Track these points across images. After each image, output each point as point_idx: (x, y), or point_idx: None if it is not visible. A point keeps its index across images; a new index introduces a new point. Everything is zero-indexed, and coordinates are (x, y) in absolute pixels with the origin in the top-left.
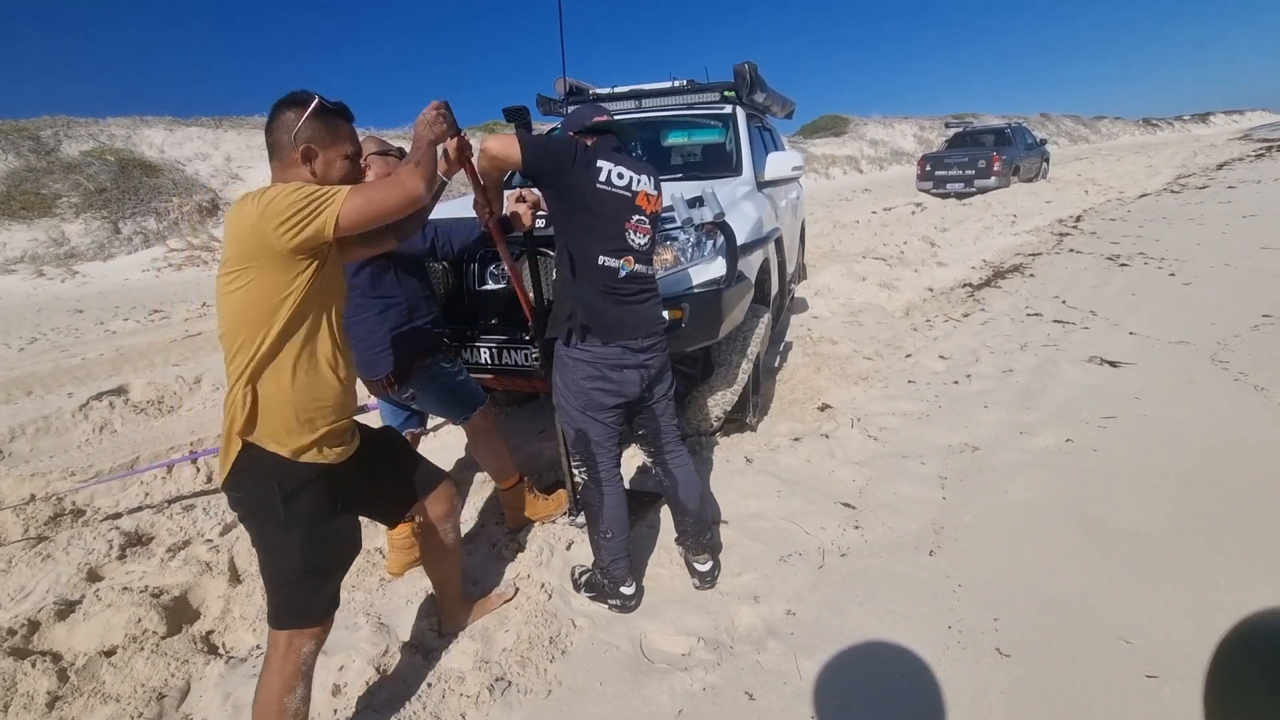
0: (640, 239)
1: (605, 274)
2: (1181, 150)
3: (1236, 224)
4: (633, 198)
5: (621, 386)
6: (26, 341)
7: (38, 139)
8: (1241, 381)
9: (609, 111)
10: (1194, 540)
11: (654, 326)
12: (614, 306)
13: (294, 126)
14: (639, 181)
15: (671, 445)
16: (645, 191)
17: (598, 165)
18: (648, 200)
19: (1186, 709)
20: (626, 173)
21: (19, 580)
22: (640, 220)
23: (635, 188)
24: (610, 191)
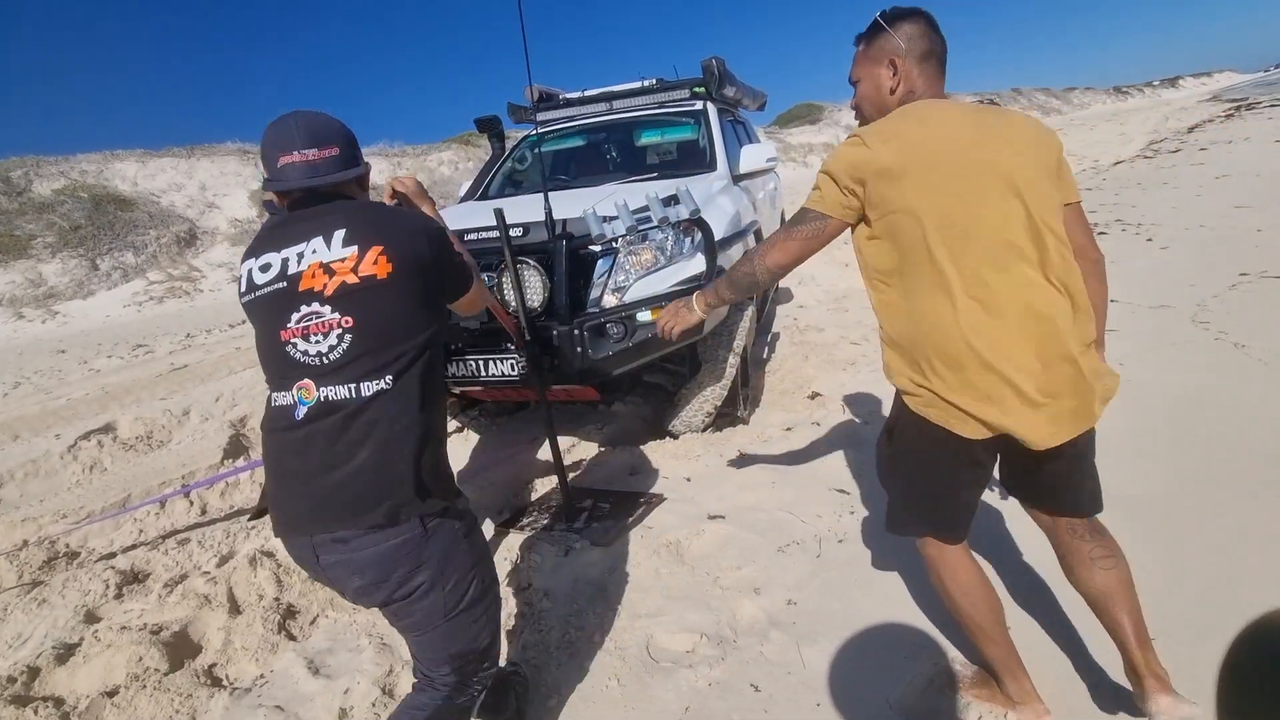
0: (318, 343)
1: (276, 421)
2: (1153, 115)
3: (1210, 185)
4: (292, 284)
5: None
6: (10, 386)
7: (8, 180)
8: (1222, 340)
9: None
10: (1183, 500)
11: (357, 504)
12: (288, 474)
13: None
14: (311, 250)
15: (425, 681)
16: (319, 262)
17: (242, 269)
18: (323, 274)
19: (1187, 669)
20: (279, 252)
21: (16, 627)
22: (313, 312)
23: (296, 267)
24: (256, 299)
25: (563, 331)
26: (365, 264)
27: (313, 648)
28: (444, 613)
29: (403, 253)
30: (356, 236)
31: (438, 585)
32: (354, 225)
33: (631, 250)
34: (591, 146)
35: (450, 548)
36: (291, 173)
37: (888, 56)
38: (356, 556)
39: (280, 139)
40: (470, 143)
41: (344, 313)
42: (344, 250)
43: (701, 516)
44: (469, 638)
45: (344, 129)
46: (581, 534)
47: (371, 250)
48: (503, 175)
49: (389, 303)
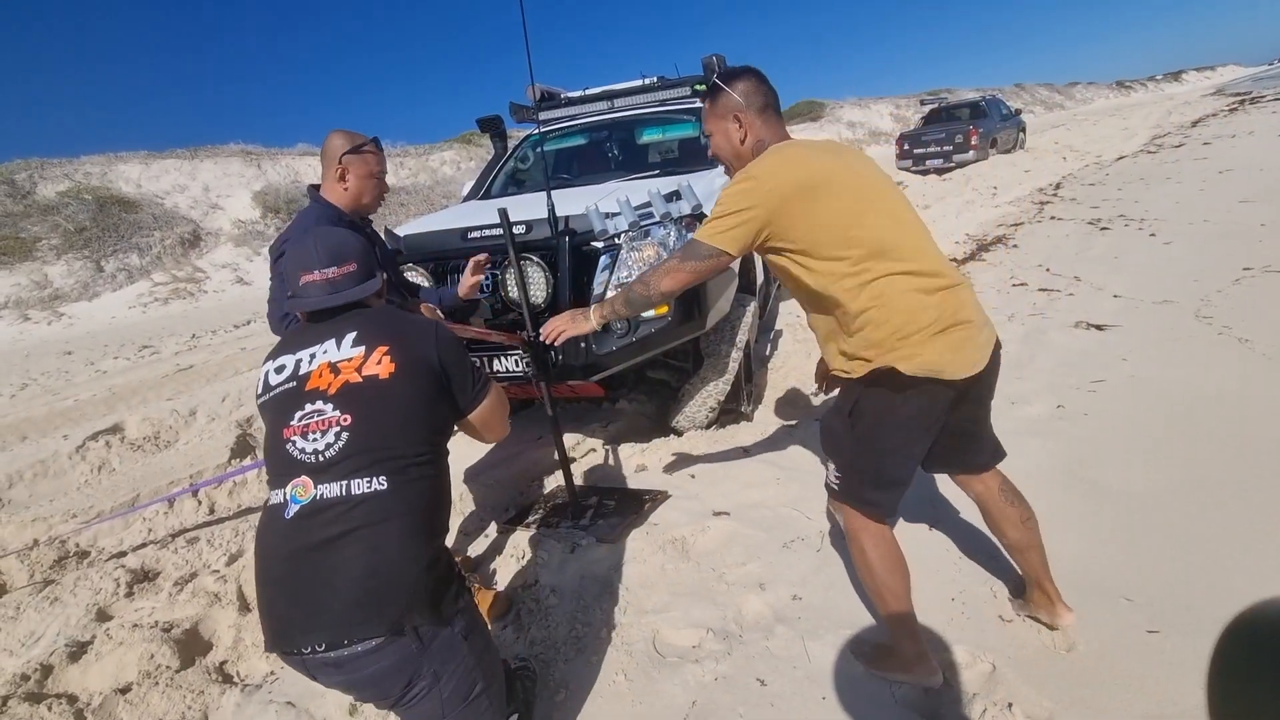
0: (314, 440)
1: (266, 521)
2: (1156, 110)
3: (1213, 180)
4: (300, 384)
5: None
6: (17, 388)
7: (12, 183)
8: (1226, 335)
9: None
10: (1188, 495)
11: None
12: (277, 580)
13: None
14: (322, 351)
15: None
16: (327, 362)
17: (261, 372)
18: (330, 373)
19: (1189, 661)
20: (294, 354)
21: (29, 625)
22: (316, 410)
23: (307, 367)
24: (269, 400)
25: None
26: (370, 363)
27: None
28: (443, 713)
29: (408, 353)
30: (365, 338)
31: (435, 689)
32: (365, 328)
33: (634, 246)
34: (593, 145)
35: (448, 654)
36: (313, 290)
37: (731, 112)
38: (352, 679)
39: (301, 259)
40: (472, 142)
41: (344, 410)
42: (352, 351)
43: (706, 513)
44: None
45: (359, 245)
46: (587, 531)
47: (377, 350)
48: (505, 174)
49: (389, 402)
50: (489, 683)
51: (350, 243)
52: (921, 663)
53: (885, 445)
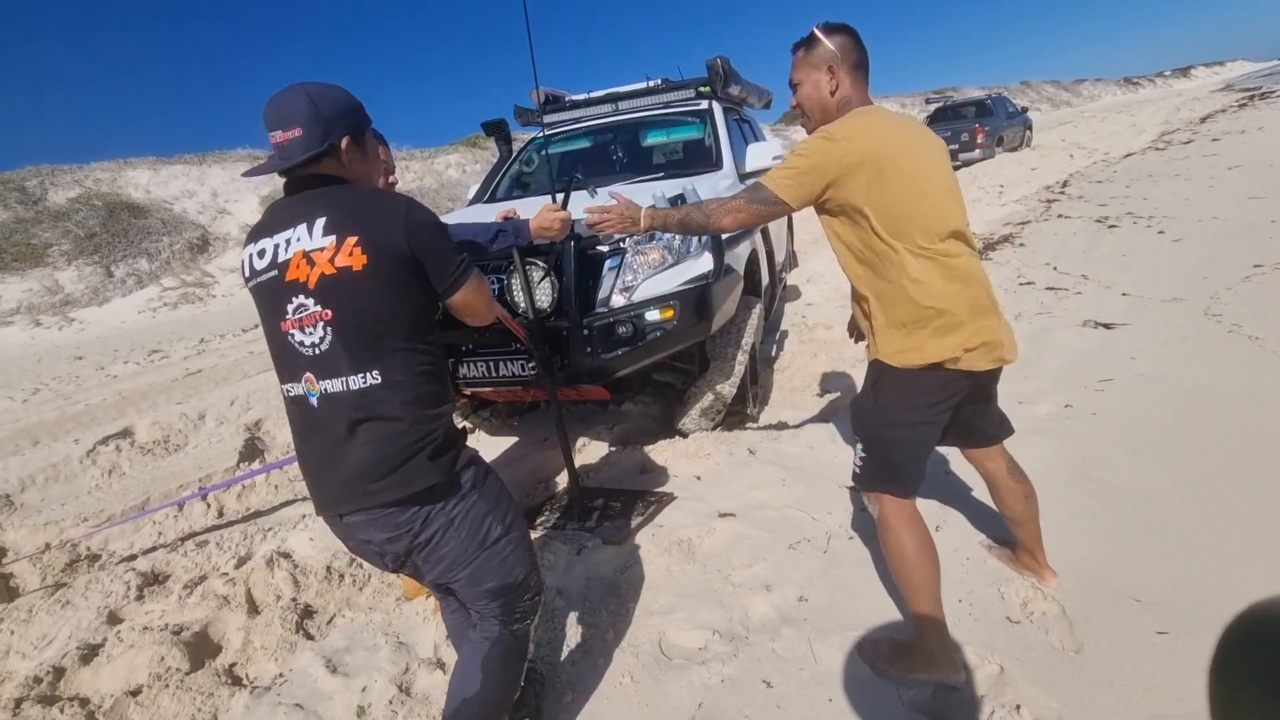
0: (310, 334)
1: (295, 411)
2: (1164, 106)
3: (1223, 176)
4: (281, 273)
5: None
6: (29, 392)
7: (24, 190)
8: (1236, 333)
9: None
10: (1197, 494)
11: (370, 487)
12: (311, 460)
13: None
14: (296, 238)
15: (477, 616)
16: (302, 250)
17: (244, 254)
18: (306, 264)
19: (1199, 661)
20: (272, 238)
21: (41, 628)
22: (301, 304)
23: (284, 255)
24: (256, 286)
25: (572, 331)
26: (341, 254)
27: (330, 647)
28: (467, 556)
29: (377, 243)
30: (335, 225)
31: (451, 533)
32: (334, 213)
33: (639, 250)
34: (598, 147)
35: (459, 504)
36: (275, 155)
37: (826, 63)
38: (375, 531)
39: (266, 119)
40: (478, 145)
41: (324, 305)
42: (323, 240)
43: (712, 514)
44: (501, 573)
45: (312, 105)
46: (593, 533)
47: (347, 241)
48: (510, 178)
49: (365, 295)
50: (507, 528)
51: (300, 107)
52: (946, 659)
53: (904, 419)
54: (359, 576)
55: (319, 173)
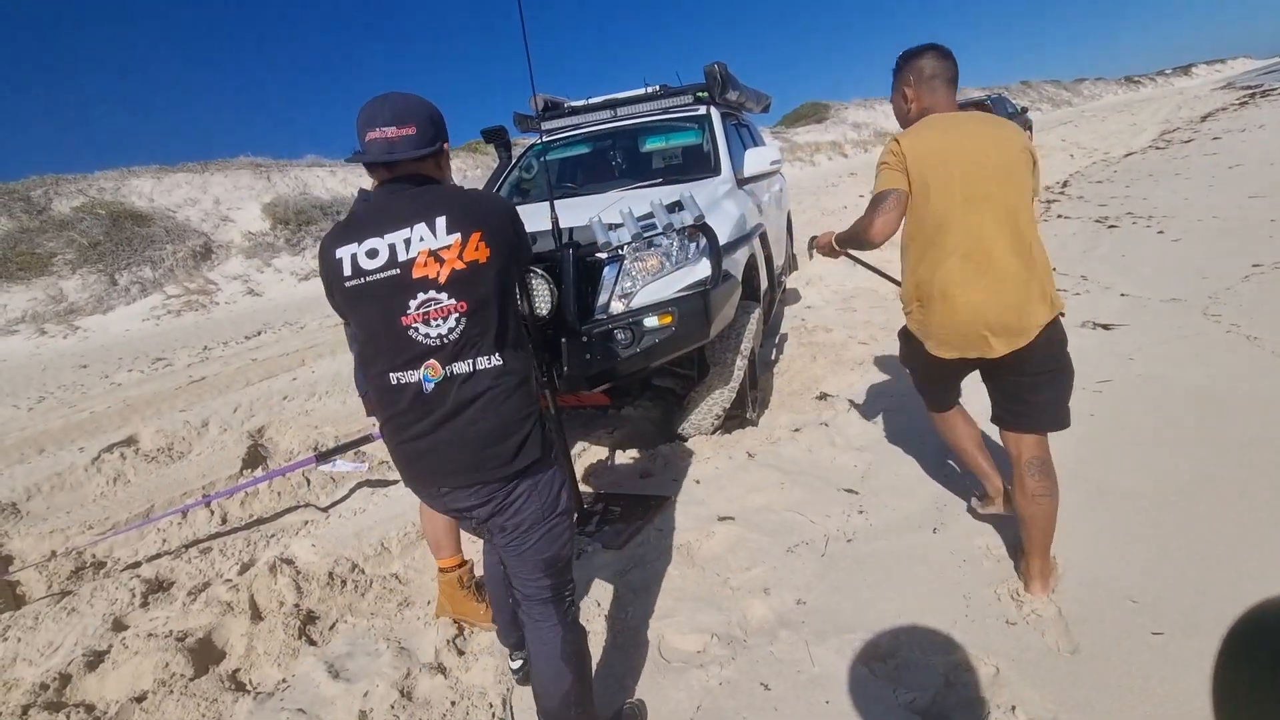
0: (438, 326)
1: (398, 395)
2: (1165, 105)
3: (1223, 175)
4: (404, 272)
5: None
6: (35, 401)
7: (28, 199)
8: (1234, 333)
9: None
10: (1194, 495)
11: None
12: (418, 442)
13: None
14: (418, 238)
15: (535, 611)
16: (428, 249)
17: (336, 256)
18: (434, 261)
19: (1194, 663)
20: (384, 239)
21: (47, 635)
22: (431, 298)
23: (406, 254)
24: (367, 285)
25: (571, 338)
26: (469, 250)
27: (332, 652)
28: (541, 517)
29: (498, 237)
30: (457, 224)
31: (534, 495)
32: (454, 213)
33: (637, 257)
34: (597, 154)
35: (543, 473)
36: (373, 148)
37: (901, 86)
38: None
39: (369, 116)
40: (478, 151)
41: (458, 298)
42: (448, 238)
43: (711, 518)
44: (560, 543)
45: (427, 110)
46: (593, 537)
47: (472, 237)
48: (510, 184)
49: (491, 284)
50: (568, 505)
51: (417, 108)
52: (999, 495)
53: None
54: (360, 583)
55: (421, 172)
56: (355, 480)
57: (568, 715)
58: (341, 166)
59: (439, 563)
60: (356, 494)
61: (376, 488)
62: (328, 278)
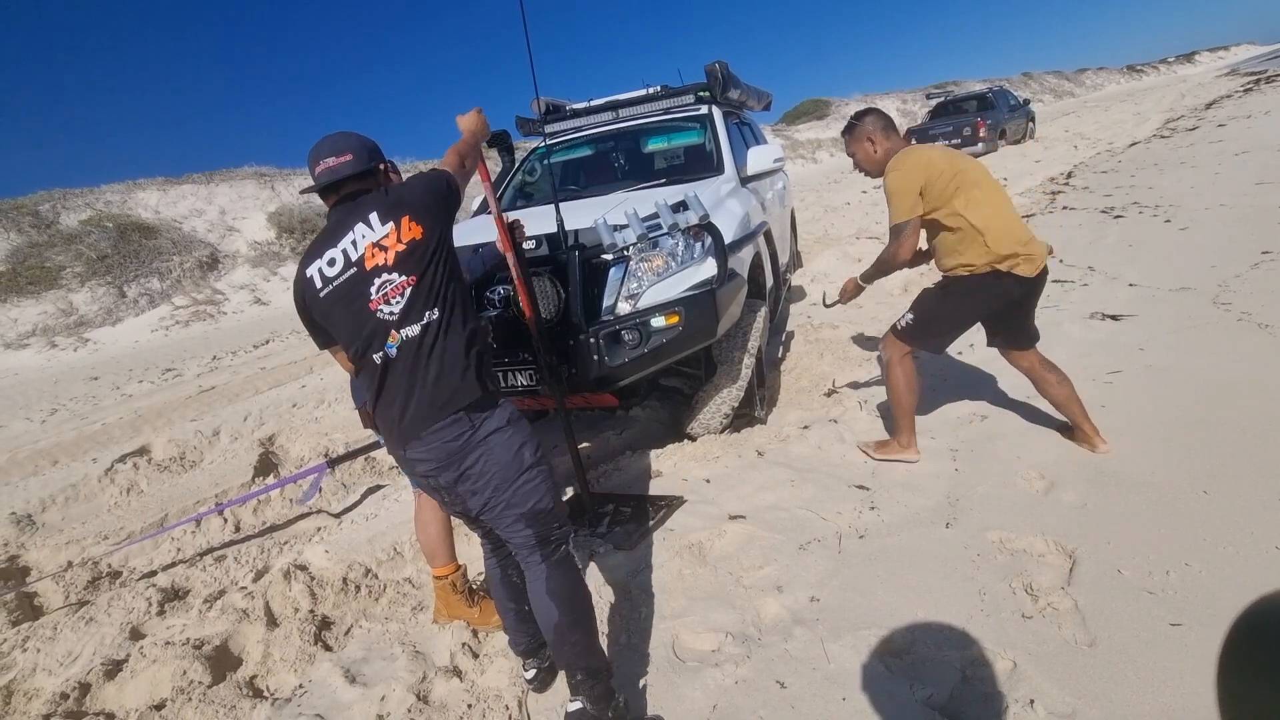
0: (396, 304)
1: (374, 366)
2: (1169, 93)
3: (1229, 163)
4: (360, 268)
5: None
6: (47, 413)
7: (37, 214)
8: (1245, 321)
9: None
10: (1209, 486)
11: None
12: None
13: None
14: (360, 236)
15: (523, 556)
16: (371, 242)
17: (307, 275)
18: (379, 251)
19: (1213, 655)
20: (337, 247)
21: (66, 645)
22: (388, 279)
23: (357, 253)
24: (335, 289)
25: (579, 340)
26: (404, 232)
27: (348, 657)
28: (507, 478)
29: (424, 212)
30: (387, 214)
31: (492, 459)
32: (381, 207)
33: (643, 257)
34: (599, 155)
35: (498, 431)
36: (321, 178)
37: (866, 136)
38: (429, 457)
39: (314, 155)
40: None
41: (407, 274)
42: (384, 228)
43: (722, 517)
44: (535, 498)
45: (360, 140)
46: (604, 538)
47: (403, 220)
48: (513, 188)
49: (429, 253)
50: (538, 459)
51: (352, 139)
52: (912, 446)
53: (957, 310)
54: (374, 587)
55: (365, 190)
56: (365, 486)
57: (562, 650)
58: None
59: (434, 570)
60: (368, 499)
61: (389, 493)
62: (303, 296)
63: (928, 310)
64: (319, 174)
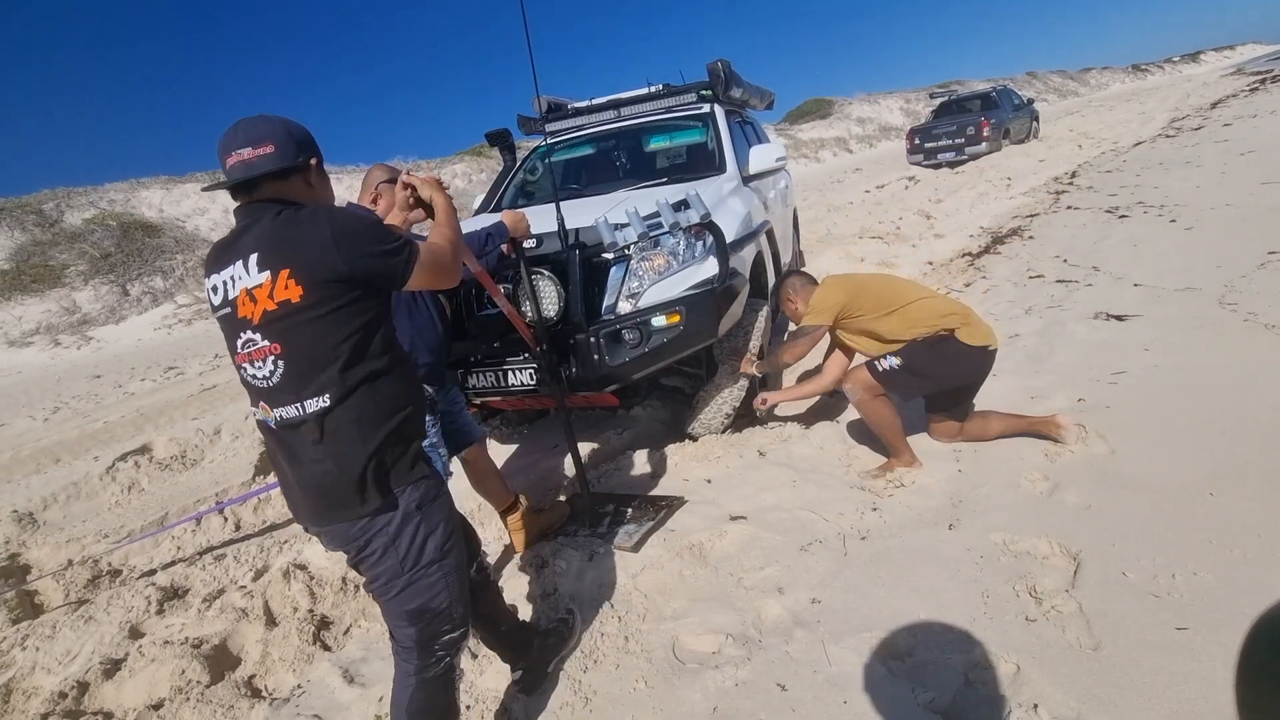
0: (260, 368)
1: (263, 434)
2: (1174, 93)
3: (1235, 162)
4: (232, 310)
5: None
6: (50, 411)
7: (40, 212)
8: (1251, 322)
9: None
10: (1215, 487)
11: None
12: (282, 480)
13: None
14: (236, 274)
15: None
16: (245, 288)
17: (208, 285)
18: (250, 301)
19: (1220, 658)
20: (221, 276)
21: (65, 644)
22: (250, 339)
23: (232, 293)
24: (218, 320)
25: (579, 339)
26: (278, 289)
27: (347, 657)
28: (401, 572)
29: (310, 271)
30: (267, 259)
31: (391, 550)
32: (264, 247)
33: (644, 256)
34: (601, 154)
35: (403, 523)
36: (233, 172)
37: (784, 302)
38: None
39: (225, 143)
40: (483, 154)
41: (272, 340)
42: (259, 276)
43: (723, 517)
44: (426, 596)
45: (285, 127)
46: (605, 538)
47: (281, 275)
48: (515, 187)
49: (308, 325)
50: (443, 554)
51: (274, 126)
52: (915, 461)
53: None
54: None
55: (278, 196)
56: None
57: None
58: (346, 173)
59: (502, 508)
60: None
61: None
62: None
63: (916, 363)
64: (231, 166)
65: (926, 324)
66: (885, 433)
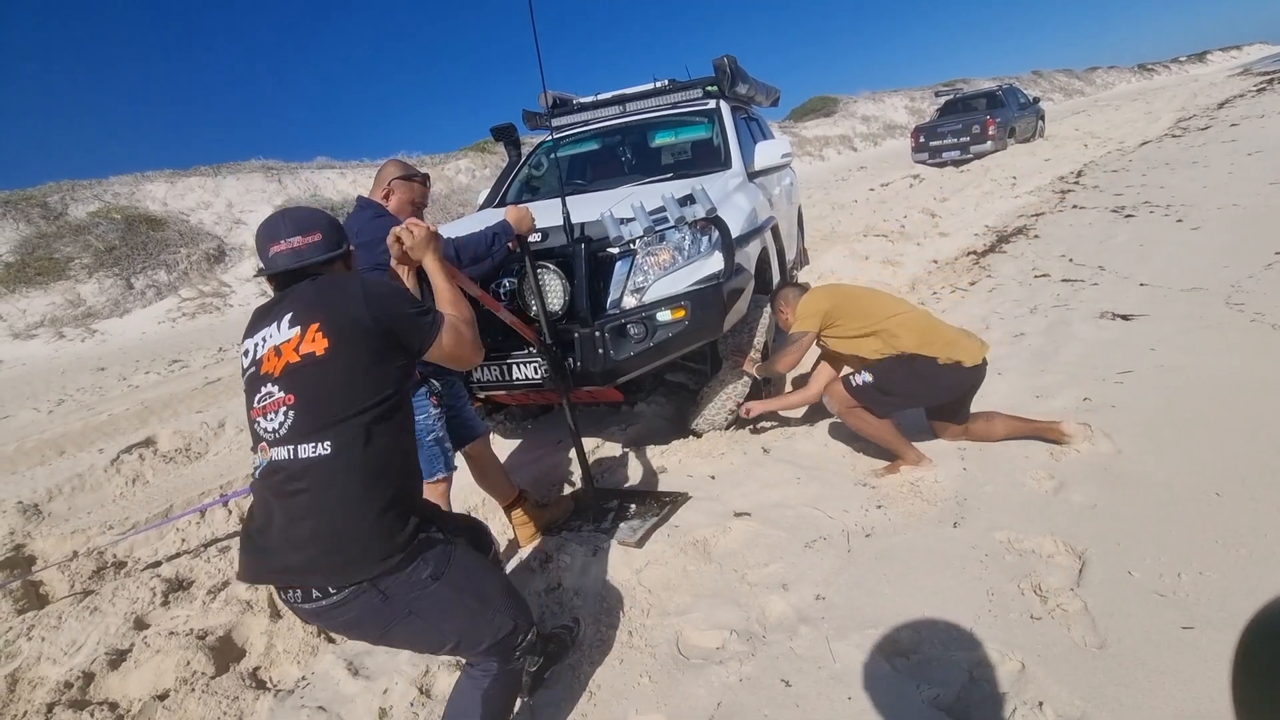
0: (272, 420)
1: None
2: (1180, 92)
3: (1242, 162)
4: (259, 368)
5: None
6: (54, 403)
7: (45, 205)
8: (1258, 322)
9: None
10: (1220, 487)
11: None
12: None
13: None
14: (269, 334)
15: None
16: (273, 346)
17: (242, 347)
18: (275, 356)
19: (1226, 657)
20: (253, 340)
21: (70, 635)
22: (269, 392)
23: (260, 352)
24: (245, 381)
25: (584, 334)
26: (305, 342)
27: (351, 650)
28: (441, 642)
29: (338, 324)
30: (300, 316)
31: (419, 629)
32: (299, 306)
33: (649, 251)
34: (607, 149)
35: (417, 598)
36: (280, 260)
37: (778, 310)
38: (330, 625)
39: (270, 231)
40: (487, 150)
41: (287, 391)
42: (290, 331)
43: (727, 514)
44: (490, 633)
45: (327, 218)
46: (609, 534)
47: (310, 328)
48: (520, 182)
49: (327, 375)
50: (483, 604)
51: (318, 216)
52: (921, 459)
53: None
54: None
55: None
56: None
57: None
58: (351, 168)
59: (506, 503)
60: None
61: None
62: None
63: (888, 381)
64: (278, 254)
65: (902, 343)
66: (878, 439)
